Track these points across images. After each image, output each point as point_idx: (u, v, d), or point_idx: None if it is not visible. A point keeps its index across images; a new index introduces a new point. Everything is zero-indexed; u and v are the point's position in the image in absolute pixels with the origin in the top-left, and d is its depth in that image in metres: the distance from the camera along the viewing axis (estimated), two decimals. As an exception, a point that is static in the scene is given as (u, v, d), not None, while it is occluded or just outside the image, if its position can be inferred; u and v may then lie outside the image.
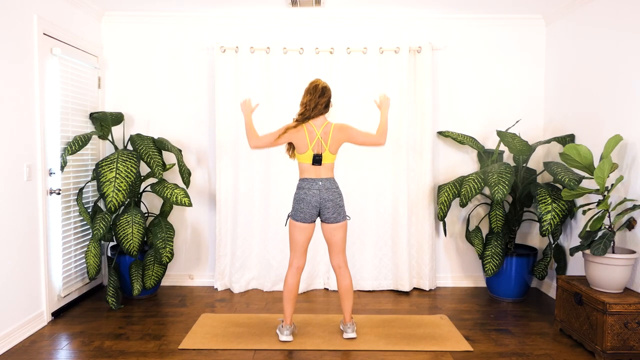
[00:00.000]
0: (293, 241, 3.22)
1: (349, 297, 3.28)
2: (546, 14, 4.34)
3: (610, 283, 3.10)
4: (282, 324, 3.28)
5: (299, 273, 3.24)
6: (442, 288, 4.53)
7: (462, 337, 3.32)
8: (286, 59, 4.34)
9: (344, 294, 3.27)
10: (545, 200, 3.64)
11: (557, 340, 3.33)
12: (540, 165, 4.43)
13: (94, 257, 3.81)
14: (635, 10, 3.31)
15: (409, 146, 4.38)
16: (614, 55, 3.53)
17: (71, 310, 3.82)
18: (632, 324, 2.92)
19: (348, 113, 4.31)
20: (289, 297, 3.22)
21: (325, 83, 3.21)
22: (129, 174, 3.73)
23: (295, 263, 3.23)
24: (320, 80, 3.21)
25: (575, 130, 3.99)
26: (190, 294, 4.30)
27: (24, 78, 3.34)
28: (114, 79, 4.46)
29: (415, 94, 4.40)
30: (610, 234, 3.13)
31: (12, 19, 3.21)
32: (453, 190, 4.16)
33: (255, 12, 4.36)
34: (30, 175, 3.38)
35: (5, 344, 3.09)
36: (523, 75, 4.51)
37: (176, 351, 3.10)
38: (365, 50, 4.34)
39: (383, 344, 3.19)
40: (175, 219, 4.48)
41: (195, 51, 4.46)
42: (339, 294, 3.31)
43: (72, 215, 3.89)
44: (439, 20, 4.44)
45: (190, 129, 4.49)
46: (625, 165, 3.37)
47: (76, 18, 4.01)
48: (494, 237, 4.08)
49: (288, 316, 3.24)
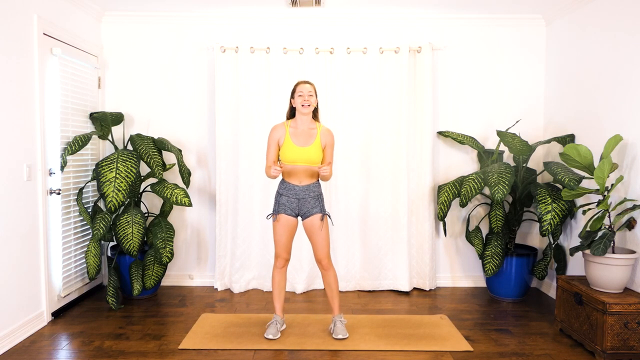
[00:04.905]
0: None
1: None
2: (546, 14, 4.34)
3: (610, 283, 3.10)
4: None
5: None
6: (442, 288, 4.53)
7: (462, 337, 3.32)
8: (286, 59, 4.34)
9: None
10: (545, 200, 3.64)
11: (557, 340, 3.33)
12: (540, 165, 4.43)
13: (94, 257, 3.81)
14: (635, 10, 3.31)
15: (409, 146, 4.38)
16: (614, 55, 3.53)
17: (71, 310, 3.82)
18: (632, 324, 2.92)
19: (347, 113, 4.31)
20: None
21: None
22: (129, 174, 3.73)
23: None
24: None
25: (575, 130, 3.99)
26: (190, 294, 4.30)
27: (24, 78, 3.34)
28: (114, 79, 4.46)
29: (415, 94, 4.39)
30: (610, 234, 3.13)
31: (12, 19, 3.21)
32: (453, 190, 4.16)
33: (255, 12, 4.36)
34: (30, 175, 3.38)
35: (5, 344, 3.09)
36: (523, 75, 4.51)
37: (176, 351, 3.10)
38: (365, 50, 4.34)
39: (383, 344, 3.19)
40: (175, 219, 4.48)
41: (195, 51, 4.46)
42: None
43: (72, 215, 3.89)
44: (439, 20, 4.44)
45: (190, 129, 4.49)
46: (625, 165, 3.37)
47: (76, 18, 4.01)
48: (494, 237, 4.08)
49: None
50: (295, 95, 3.19)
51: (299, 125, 3.23)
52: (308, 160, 3.17)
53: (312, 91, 3.18)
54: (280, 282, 3.35)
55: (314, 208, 3.23)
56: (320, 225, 3.23)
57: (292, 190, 3.23)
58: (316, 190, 3.26)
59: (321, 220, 3.23)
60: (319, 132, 3.22)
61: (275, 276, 3.34)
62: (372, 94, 4.36)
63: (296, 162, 3.17)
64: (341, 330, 3.28)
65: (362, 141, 4.35)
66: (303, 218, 3.27)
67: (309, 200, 3.23)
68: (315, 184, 3.27)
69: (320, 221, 3.22)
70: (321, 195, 3.29)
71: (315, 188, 3.26)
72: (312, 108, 3.19)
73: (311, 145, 3.18)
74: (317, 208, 3.24)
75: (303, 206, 3.24)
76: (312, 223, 3.24)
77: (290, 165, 3.19)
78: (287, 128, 3.23)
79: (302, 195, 3.22)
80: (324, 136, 3.23)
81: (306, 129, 3.22)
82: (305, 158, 3.16)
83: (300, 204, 3.23)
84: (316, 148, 3.18)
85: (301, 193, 3.22)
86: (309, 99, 3.15)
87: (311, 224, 3.24)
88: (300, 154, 3.16)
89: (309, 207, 3.23)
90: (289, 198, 3.23)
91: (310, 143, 3.18)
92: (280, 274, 3.34)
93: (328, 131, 3.28)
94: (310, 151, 3.17)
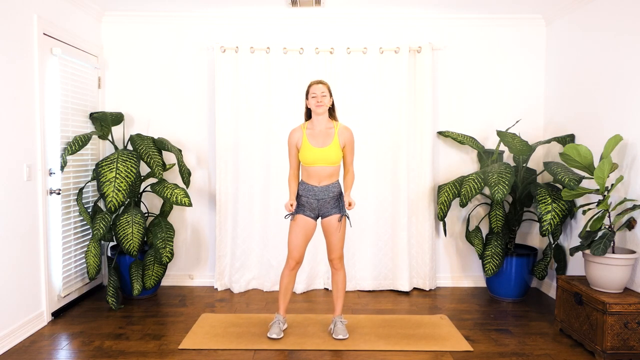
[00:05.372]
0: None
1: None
2: (546, 14, 4.34)
3: (610, 283, 3.10)
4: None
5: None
6: (442, 288, 4.53)
7: (462, 337, 3.32)
8: (286, 59, 4.34)
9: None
10: (545, 200, 3.64)
11: (557, 340, 3.33)
12: (540, 165, 4.43)
13: (94, 257, 3.81)
14: (635, 10, 3.31)
15: (409, 146, 4.38)
16: (614, 55, 3.53)
17: (71, 310, 3.82)
18: (632, 324, 2.92)
19: (348, 113, 4.31)
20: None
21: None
22: (129, 174, 3.73)
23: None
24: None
25: (575, 130, 3.99)
26: (190, 294, 4.30)
27: (24, 78, 3.34)
28: (114, 79, 4.46)
29: (415, 94, 4.39)
30: (610, 234, 3.13)
31: (12, 19, 3.21)
32: (453, 190, 4.17)
33: (255, 12, 4.36)
34: (30, 175, 3.38)
35: (5, 344, 3.09)
36: (523, 75, 4.51)
37: (176, 351, 3.10)
38: (365, 50, 4.34)
39: (383, 344, 3.19)
40: (175, 219, 4.48)
41: (195, 51, 4.46)
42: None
43: (72, 215, 3.89)
44: (439, 20, 4.44)
45: (190, 129, 4.49)
46: (625, 165, 3.37)
47: (76, 18, 4.01)
48: (494, 237, 4.08)
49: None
50: (309, 97, 3.19)
51: (316, 126, 3.21)
52: (327, 161, 3.16)
53: (325, 91, 3.17)
54: (289, 284, 3.33)
55: (334, 208, 3.22)
56: (337, 226, 3.21)
57: (311, 192, 3.21)
58: (335, 190, 3.23)
59: (339, 221, 3.21)
60: (336, 131, 3.20)
61: (285, 277, 3.31)
62: (372, 94, 4.36)
63: (316, 164, 3.16)
64: (341, 331, 3.27)
65: (362, 141, 4.34)
66: (322, 218, 3.27)
67: (328, 200, 3.21)
68: (335, 184, 3.24)
69: (337, 222, 3.21)
70: (341, 195, 3.26)
71: (335, 188, 3.23)
72: (326, 108, 3.17)
73: (329, 146, 3.16)
74: (337, 208, 3.22)
75: (323, 207, 3.23)
76: (329, 223, 3.23)
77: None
78: (304, 130, 3.22)
79: (322, 196, 3.20)
80: (341, 135, 3.21)
81: (323, 129, 3.21)
82: (324, 158, 3.15)
83: (320, 205, 3.22)
84: (335, 147, 3.17)
85: (320, 194, 3.20)
86: (322, 99, 3.14)
87: (329, 224, 3.23)
88: (319, 155, 3.15)
89: (329, 207, 3.22)
90: (308, 199, 3.22)
91: (328, 143, 3.17)
92: (289, 276, 3.31)
93: (346, 129, 3.25)
94: (329, 151, 3.16)
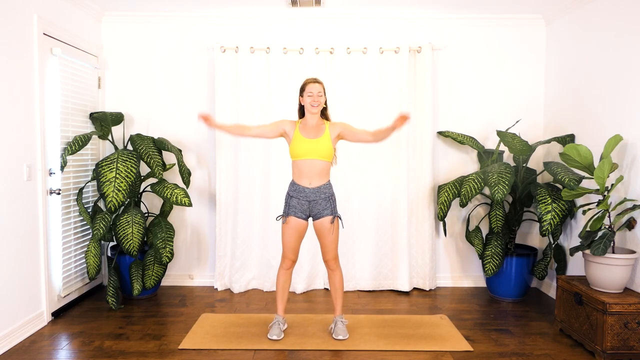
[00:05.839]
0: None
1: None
2: (546, 14, 4.34)
3: (610, 283, 3.10)
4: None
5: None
6: (442, 288, 4.53)
7: (462, 337, 3.32)
8: (286, 59, 4.34)
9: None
10: (545, 200, 3.64)
11: (557, 340, 3.33)
12: (540, 165, 4.43)
13: (94, 257, 3.81)
14: (635, 10, 3.31)
15: (409, 146, 4.38)
16: (614, 55, 3.53)
17: (71, 310, 3.82)
18: (632, 324, 2.92)
19: (348, 113, 4.31)
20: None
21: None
22: (129, 174, 3.73)
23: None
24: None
25: (575, 130, 3.99)
26: (190, 294, 4.30)
27: (24, 78, 3.34)
28: (114, 79, 4.46)
29: (415, 94, 4.39)
30: (610, 234, 3.13)
31: (12, 19, 3.21)
32: (453, 190, 4.16)
33: (255, 12, 4.36)
34: (30, 175, 3.38)
35: (5, 344, 3.09)
36: (523, 75, 4.51)
37: (176, 351, 3.10)
38: (365, 50, 4.34)
39: (383, 344, 3.19)
40: (175, 219, 4.48)
41: (195, 51, 4.46)
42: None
43: (72, 215, 3.89)
44: (439, 20, 4.44)
45: (190, 129, 4.48)
46: (625, 165, 3.37)
47: (76, 18, 4.01)
48: (494, 237, 4.08)
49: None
50: (304, 94, 3.19)
51: (308, 122, 3.23)
52: (318, 153, 3.15)
53: (322, 91, 3.18)
54: (285, 283, 3.34)
55: (325, 210, 3.20)
56: (330, 228, 3.20)
57: (302, 193, 3.19)
58: (327, 191, 3.22)
59: (332, 222, 3.21)
60: (327, 126, 3.21)
61: (281, 277, 3.32)
62: (372, 94, 4.36)
63: (306, 156, 3.14)
64: (342, 331, 3.27)
65: (362, 141, 4.35)
66: (314, 219, 3.25)
67: (320, 202, 3.20)
68: (327, 185, 3.23)
69: (330, 223, 3.20)
70: (333, 196, 3.25)
71: (327, 189, 3.22)
72: (320, 107, 3.20)
73: (321, 137, 3.16)
74: (329, 210, 3.21)
75: (314, 208, 3.21)
76: (322, 225, 3.21)
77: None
78: (297, 124, 3.24)
79: (313, 197, 3.19)
80: (332, 127, 3.22)
81: (314, 125, 3.23)
82: (315, 150, 3.14)
83: (312, 206, 3.20)
84: (326, 140, 3.16)
85: (312, 195, 3.19)
86: (318, 99, 3.16)
87: (321, 226, 3.22)
88: (310, 146, 3.14)
89: (320, 208, 3.20)
90: (299, 200, 3.20)
91: (319, 135, 3.18)
92: (285, 275, 3.32)
93: (336, 122, 3.30)
94: (320, 142, 3.15)
